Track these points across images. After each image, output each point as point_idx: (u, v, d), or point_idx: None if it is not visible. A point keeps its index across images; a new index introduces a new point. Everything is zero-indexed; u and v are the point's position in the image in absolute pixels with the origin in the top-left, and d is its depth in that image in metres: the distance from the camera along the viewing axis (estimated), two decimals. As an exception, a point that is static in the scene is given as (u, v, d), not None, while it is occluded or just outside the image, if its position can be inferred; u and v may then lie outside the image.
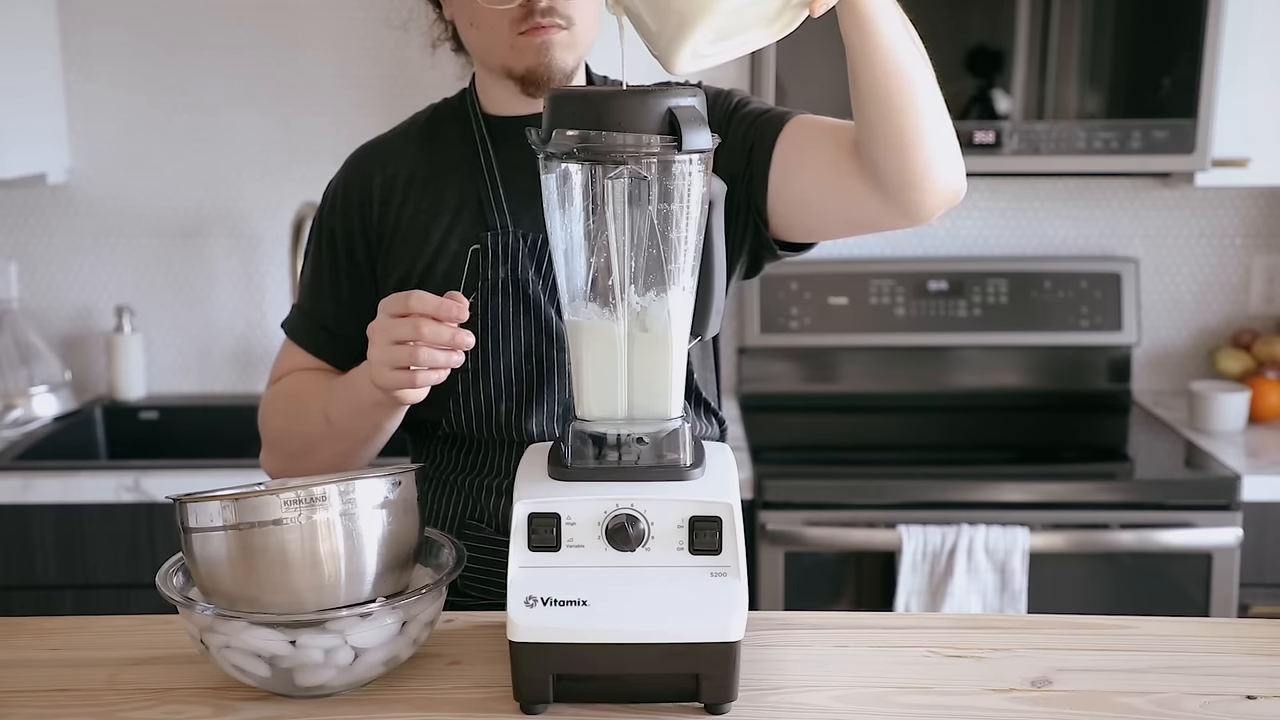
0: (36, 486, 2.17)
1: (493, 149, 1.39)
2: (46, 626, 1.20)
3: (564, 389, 1.33)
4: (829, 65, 2.33)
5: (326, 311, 1.43)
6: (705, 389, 1.40)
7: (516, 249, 1.33)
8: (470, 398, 1.34)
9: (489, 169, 1.38)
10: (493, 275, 1.33)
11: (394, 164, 1.42)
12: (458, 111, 1.44)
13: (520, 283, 1.33)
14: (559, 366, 1.33)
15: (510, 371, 1.33)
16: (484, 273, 1.33)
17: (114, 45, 2.62)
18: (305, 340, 1.45)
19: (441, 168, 1.40)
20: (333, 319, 1.42)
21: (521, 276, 1.33)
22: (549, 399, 1.33)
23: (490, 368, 1.34)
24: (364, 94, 2.66)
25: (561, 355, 1.33)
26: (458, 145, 1.41)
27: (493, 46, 1.34)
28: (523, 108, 1.37)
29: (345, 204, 1.42)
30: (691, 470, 1.03)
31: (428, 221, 1.38)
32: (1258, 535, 2.17)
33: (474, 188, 1.37)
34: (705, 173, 1.03)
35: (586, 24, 1.33)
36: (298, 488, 1.00)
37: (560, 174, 1.03)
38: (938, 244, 2.72)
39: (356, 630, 1.00)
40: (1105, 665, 1.10)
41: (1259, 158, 2.35)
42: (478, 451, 1.37)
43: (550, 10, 1.28)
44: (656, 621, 0.98)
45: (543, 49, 1.30)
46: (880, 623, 1.21)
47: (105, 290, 2.71)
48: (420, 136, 1.44)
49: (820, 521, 2.16)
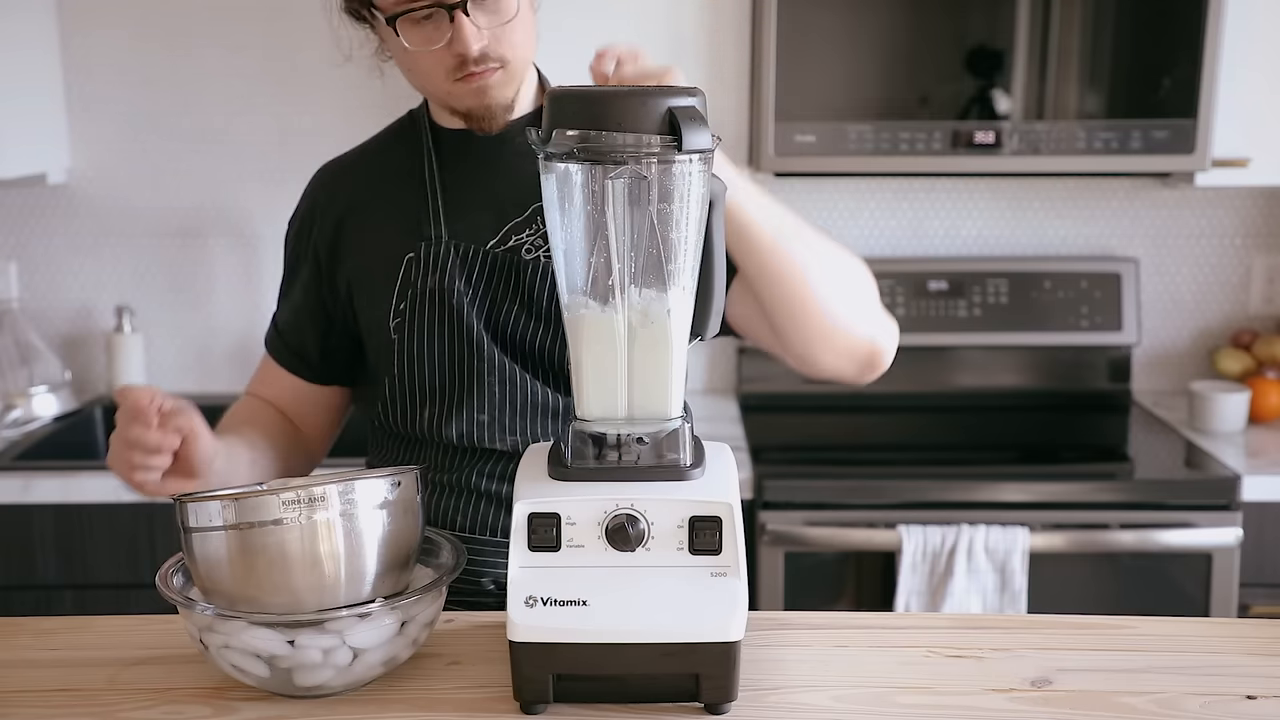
0: (36, 486, 2.17)
1: (437, 161, 1.44)
2: (46, 626, 1.20)
3: (484, 397, 1.37)
4: (829, 65, 2.33)
5: (291, 325, 1.51)
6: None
7: (447, 259, 1.38)
8: (396, 400, 1.41)
9: (431, 180, 1.42)
10: (421, 284, 1.38)
11: (348, 181, 1.49)
12: (417, 122, 1.49)
13: (445, 292, 1.37)
14: (478, 375, 1.37)
15: (433, 378, 1.39)
16: (414, 281, 1.38)
17: (114, 45, 2.62)
18: (278, 355, 1.53)
19: (392, 180, 1.45)
20: (293, 333, 1.51)
21: (448, 286, 1.37)
22: (470, 406, 1.37)
23: (414, 373, 1.39)
24: (364, 94, 2.65)
25: (481, 365, 1.37)
26: (409, 157, 1.46)
27: (431, 89, 1.40)
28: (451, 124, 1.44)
29: (303, 223, 1.51)
30: (691, 470, 1.03)
31: (375, 234, 1.43)
32: (1258, 535, 2.17)
33: (417, 199, 1.42)
34: (705, 172, 1.03)
35: (520, 55, 1.35)
36: (298, 488, 1.00)
37: (560, 174, 1.03)
38: (938, 244, 2.72)
39: (355, 630, 1.00)
40: (1105, 665, 1.10)
41: (1259, 158, 2.35)
42: (412, 446, 1.43)
43: (483, 58, 1.31)
44: (656, 621, 0.98)
45: (480, 91, 1.33)
46: (880, 623, 1.21)
47: (105, 290, 2.71)
48: (378, 149, 1.51)
49: (820, 521, 2.16)
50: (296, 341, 1.51)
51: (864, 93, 2.29)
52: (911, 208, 2.71)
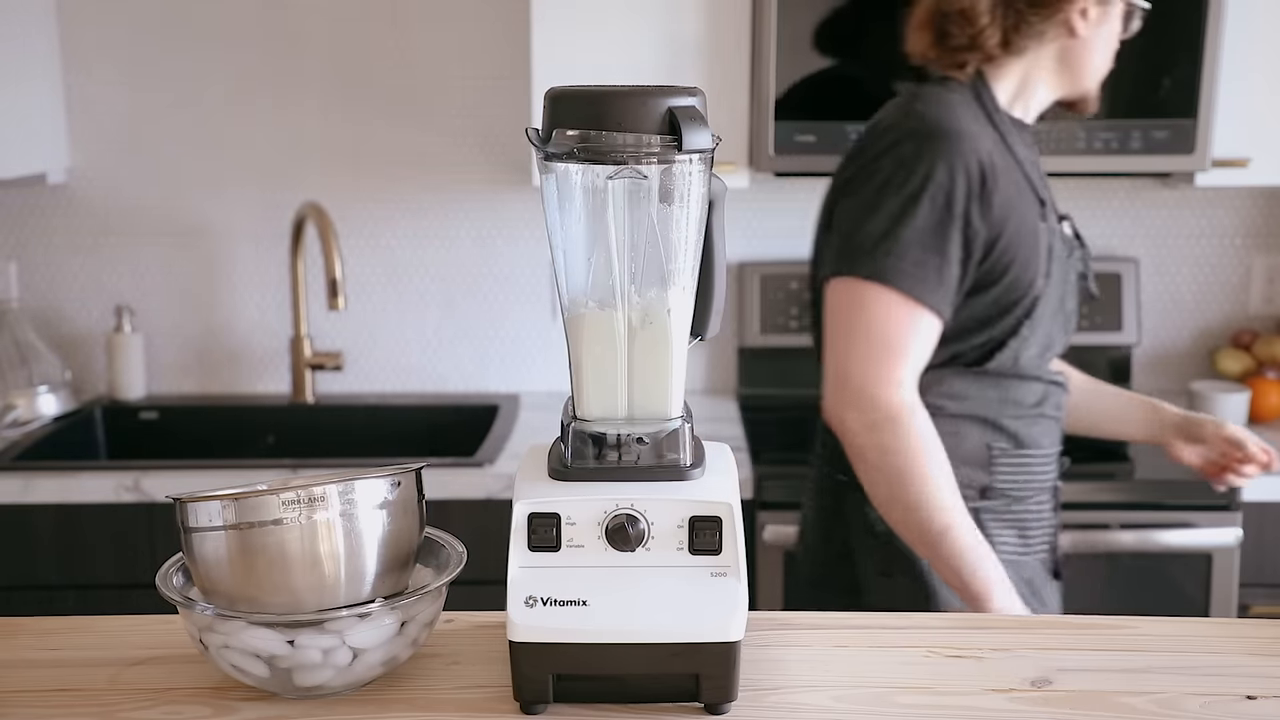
0: (36, 486, 2.17)
1: (1011, 144, 1.65)
2: (47, 626, 1.20)
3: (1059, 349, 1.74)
4: (829, 65, 2.33)
5: (951, 276, 1.59)
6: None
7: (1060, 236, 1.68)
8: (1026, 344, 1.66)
9: (1018, 162, 1.64)
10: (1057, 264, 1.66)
11: (983, 147, 1.60)
12: (984, 104, 1.66)
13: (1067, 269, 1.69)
14: (1067, 332, 1.72)
15: (1050, 328, 1.68)
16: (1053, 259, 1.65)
17: (114, 44, 2.62)
18: (930, 296, 1.57)
19: (1002, 155, 1.62)
20: (951, 286, 1.60)
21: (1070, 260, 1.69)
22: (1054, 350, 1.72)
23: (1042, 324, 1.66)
24: (364, 94, 2.66)
25: (1069, 326, 1.71)
26: (994, 137, 1.63)
27: (1096, 70, 1.69)
28: (1028, 117, 1.70)
29: (968, 182, 1.57)
30: (691, 470, 1.03)
31: (1019, 208, 1.62)
32: (1258, 535, 2.17)
33: (1019, 178, 1.62)
34: (705, 172, 1.03)
35: None
36: (298, 488, 1.00)
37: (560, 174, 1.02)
38: (938, 244, 2.72)
39: (355, 630, 1.00)
40: (1105, 665, 1.10)
41: (1259, 158, 2.35)
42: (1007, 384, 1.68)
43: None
44: (656, 621, 0.98)
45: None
46: (880, 623, 1.21)
47: (105, 290, 2.71)
48: (975, 119, 1.63)
49: (820, 521, 2.15)
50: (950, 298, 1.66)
51: (864, 93, 2.29)
52: (911, 208, 2.71)
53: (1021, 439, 1.68)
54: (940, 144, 1.56)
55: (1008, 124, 1.66)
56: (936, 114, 1.60)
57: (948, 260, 1.56)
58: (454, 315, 2.76)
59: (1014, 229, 1.60)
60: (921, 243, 1.55)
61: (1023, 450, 1.68)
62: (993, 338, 1.64)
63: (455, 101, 2.65)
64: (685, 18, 2.34)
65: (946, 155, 1.56)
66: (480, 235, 2.73)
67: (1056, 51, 1.65)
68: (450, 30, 2.63)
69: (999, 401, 1.66)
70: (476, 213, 2.72)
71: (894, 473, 1.56)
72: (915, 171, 1.56)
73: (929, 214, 1.55)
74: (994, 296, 1.62)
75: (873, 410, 1.55)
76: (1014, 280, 1.61)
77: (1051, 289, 1.65)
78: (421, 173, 2.69)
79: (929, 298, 1.56)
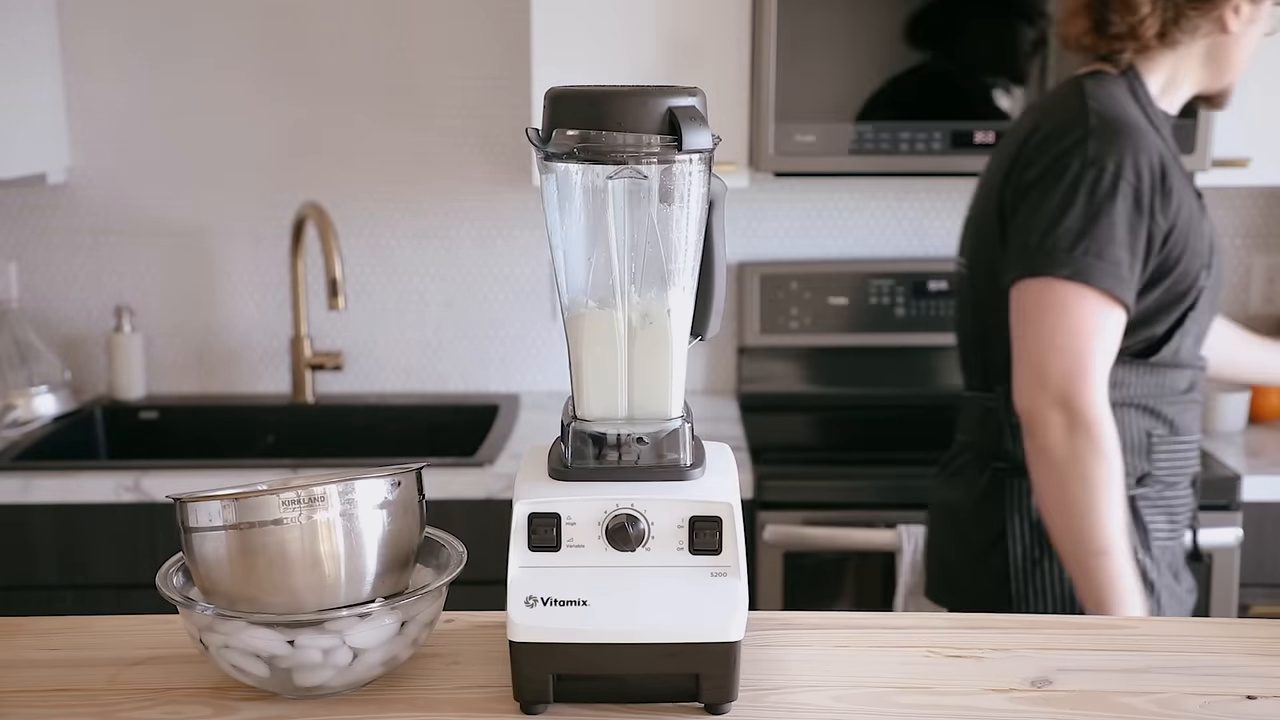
0: (36, 486, 2.17)
1: (1164, 137, 1.68)
2: (46, 626, 1.20)
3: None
4: (829, 65, 2.33)
5: (1138, 271, 1.61)
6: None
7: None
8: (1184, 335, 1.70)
9: (1175, 156, 1.66)
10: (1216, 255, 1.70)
11: (1156, 141, 1.64)
12: (1133, 100, 1.68)
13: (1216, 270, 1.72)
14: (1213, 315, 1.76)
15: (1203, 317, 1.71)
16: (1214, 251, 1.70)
17: (114, 44, 2.62)
18: (1126, 293, 1.60)
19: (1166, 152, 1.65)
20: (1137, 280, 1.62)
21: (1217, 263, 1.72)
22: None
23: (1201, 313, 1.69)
24: (364, 94, 2.66)
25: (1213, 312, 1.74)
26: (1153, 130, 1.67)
27: (1237, 65, 1.73)
28: (1172, 110, 1.73)
29: (1152, 176, 1.60)
30: (692, 470, 1.03)
31: (1186, 201, 1.64)
32: (1258, 535, 2.17)
33: (1179, 171, 1.65)
34: (705, 172, 1.03)
35: None
36: (298, 487, 1.00)
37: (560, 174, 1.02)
38: (938, 244, 2.72)
39: (355, 630, 1.00)
40: (1105, 665, 1.10)
41: (1259, 158, 2.35)
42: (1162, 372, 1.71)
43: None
44: (656, 621, 0.98)
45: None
46: (880, 623, 1.20)
47: (105, 290, 2.71)
48: (1139, 114, 1.67)
49: (819, 521, 2.16)
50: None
51: (864, 93, 2.29)
52: (911, 208, 2.71)
53: (1177, 425, 1.73)
54: (1125, 140, 1.60)
55: (1160, 117, 1.70)
56: (1113, 110, 1.64)
57: (1137, 256, 1.60)
58: (454, 315, 2.76)
59: (1184, 222, 1.64)
60: (1117, 239, 1.58)
61: (1177, 436, 1.73)
62: (1160, 331, 1.68)
63: (455, 101, 2.65)
64: (685, 18, 2.34)
65: (1132, 151, 1.60)
66: (480, 235, 2.73)
67: (1206, 46, 1.69)
68: (450, 30, 2.63)
69: (1157, 389, 1.71)
70: (476, 213, 2.72)
71: (1076, 479, 1.58)
72: (1105, 169, 1.59)
73: (1123, 211, 1.58)
74: (1165, 289, 1.65)
75: (1072, 416, 1.58)
76: (1182, 273, 1.65)
77: (1212, 280, 1.70)
78: (421, 173, 2.69)
79: (1126, 294, 1.60)
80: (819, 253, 2.73)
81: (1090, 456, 1.57)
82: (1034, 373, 1.61)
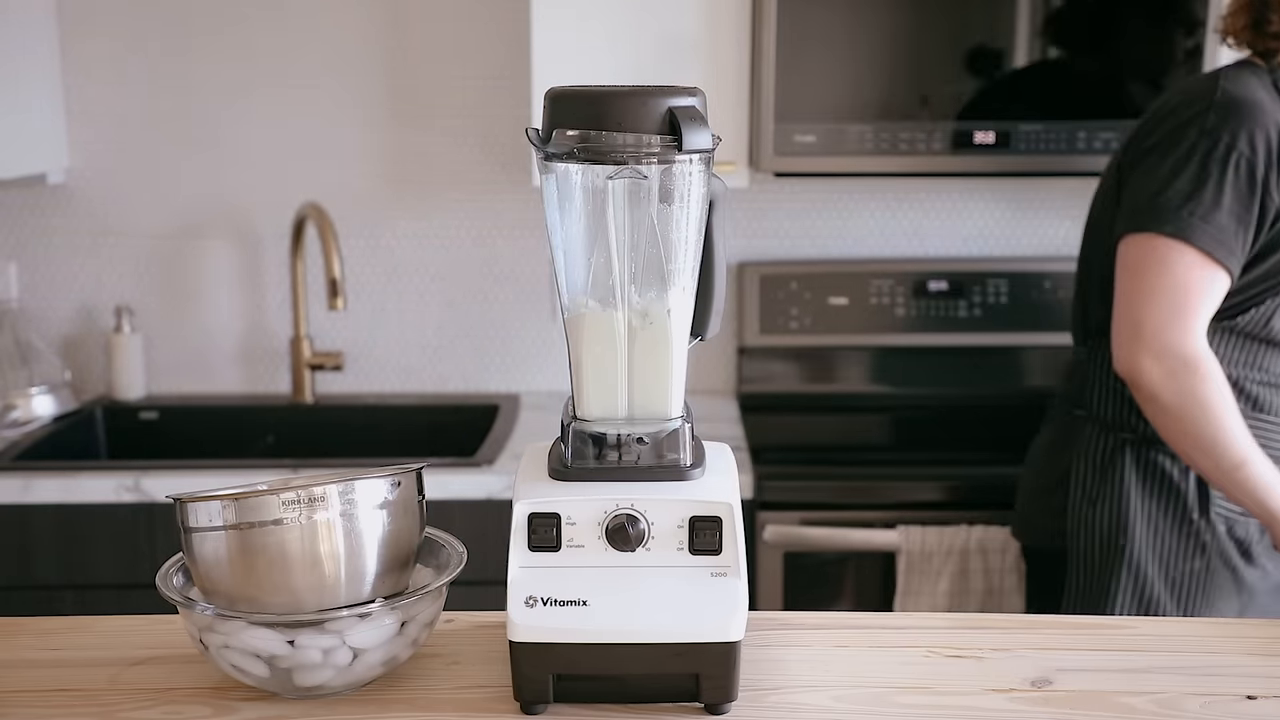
0: (36, 486, 2.17)
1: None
2: (47, 626, 1.20)
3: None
4: (829, 65, 2.33)
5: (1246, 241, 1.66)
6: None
7: None
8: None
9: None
10: None
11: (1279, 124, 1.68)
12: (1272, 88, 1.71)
13: None
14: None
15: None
16: None
17: (113, 45, 2.62)
18: (1229, 258, 1.66)
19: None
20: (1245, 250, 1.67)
21: None
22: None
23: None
24: (364, 94, 2.66)
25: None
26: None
27: None
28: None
29: (1268, 152, 1.65)
30: (692, 470, 1.03)
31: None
32: (1258, 535, 2.17)
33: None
34: (705, 173, 1.03)
35: None
36: (298, 487, 1.00)
37: (560, 174, 1.03)
38: (938, 244, 2.72)
39: (355, 630, 1.00)
40: (1105, 665, 1.10)
41: (1259, 158, 2.35)
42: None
43: None
44: (656, 621, 0.98)
45: None
46: (880, 623, 1.21)
47: (105, 290, 2.71)
48: (1271, 98, 1.71)
49: (819, 522, 2.16)
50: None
51: (864, 93, 2.29)
52: (911, 208, 2.71)
53: (1261, 403, 1.77)
54: (1243, 115, 1.67)
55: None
56: (1241, 91, 1.70)
57: (1245, 225, 1.66)
58: (454, 315, 2.76)
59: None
60: (1225, 206, 1.65)
61: (1259, 414, 1.76)
62: (1248, 298, 1.73)
63: (455, 101, 2.65)
64: (685, 17, 2.34)
65: (1249, 125, 1.66)
66: (480, 235, 2.72)
67: None
68: (450, 30, 2.63)
69: (1244, 364, 1.76)
70: (476, 213, 2.72)
71: (1191, 415, 1.67)
72: (1220, 139, 1.66)
73: (1234, 180, 1.65)
74: (1272, 263, 1.70)
75: (1170, 358, 1.66)
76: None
77: None
78: (421, 173, 2.69)
79: (1228, 259, 1.66)
80: (819, 253, 2.73)
81: (1198, 386, 1.65)
82: (1132, 325, 1.69)
